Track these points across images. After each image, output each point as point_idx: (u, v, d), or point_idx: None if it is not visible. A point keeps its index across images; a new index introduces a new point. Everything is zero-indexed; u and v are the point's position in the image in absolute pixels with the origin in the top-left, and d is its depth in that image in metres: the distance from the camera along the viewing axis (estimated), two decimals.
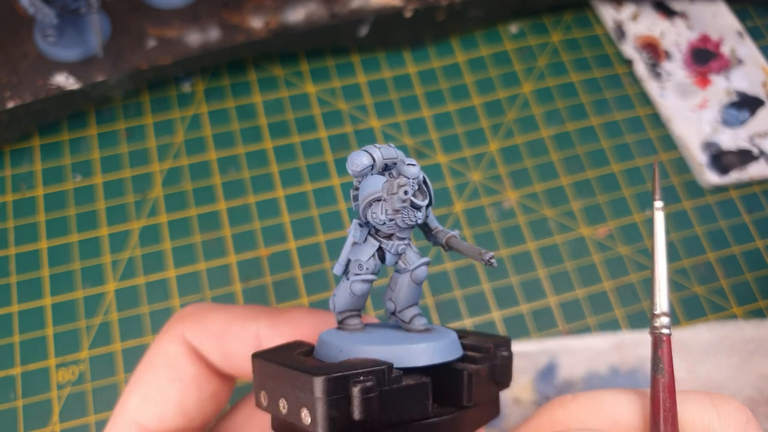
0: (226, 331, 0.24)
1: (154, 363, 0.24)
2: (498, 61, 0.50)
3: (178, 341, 0.24)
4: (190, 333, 0.24)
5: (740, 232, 0.45)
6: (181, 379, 0.24)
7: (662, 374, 0.19)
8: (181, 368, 0.24)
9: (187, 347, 0.24)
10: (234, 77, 0.48)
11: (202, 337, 0.24)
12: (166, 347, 0.24)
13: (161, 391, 0.24)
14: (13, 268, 0.41)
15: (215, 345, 0.24)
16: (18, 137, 0.44)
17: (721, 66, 0.50)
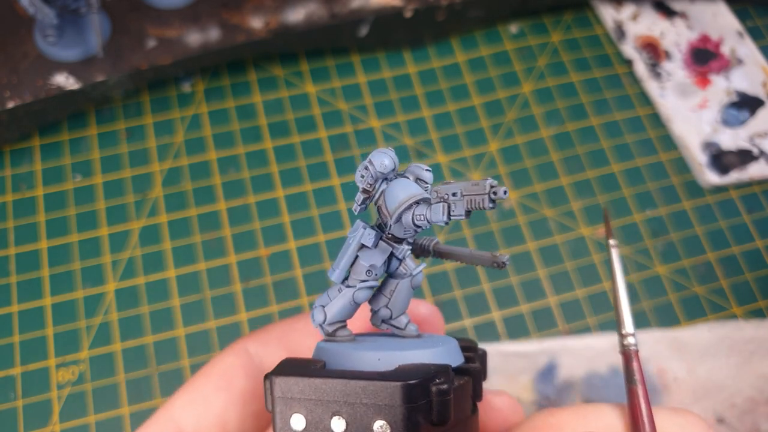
0: (289, 329, 0.25)
1: (210, 371, 0.24)
2: (498, 61, 0.50)
3: (237, 354, 0.24)
4: (252, 343, 0.25)
5: (740, 232, 0.45)
6: (229, 389, 0.24)
7: (636, 384, 0.22)
8: (232, 379, 0.24)
9: (245, 360, 0.24)
10: (234, 77, 0.48)
11: (265, 343, 0.24)
12: (225, 358, 0.24)
13: (206, 398, 0.24)
14: (13, 268, 0.41)
15: (278, 346, 0.24)
16: (18, 137, 0.44)
17: (721, 66, 0.50)
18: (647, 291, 0.43)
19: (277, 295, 0.42)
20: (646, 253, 0.44)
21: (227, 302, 0.41)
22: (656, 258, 0.44)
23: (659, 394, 0.39)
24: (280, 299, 0.41)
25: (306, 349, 0.24)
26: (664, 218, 0.45)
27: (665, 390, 0.40)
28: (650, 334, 0.41)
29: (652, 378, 0.40)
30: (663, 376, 0.40)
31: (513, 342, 0.41)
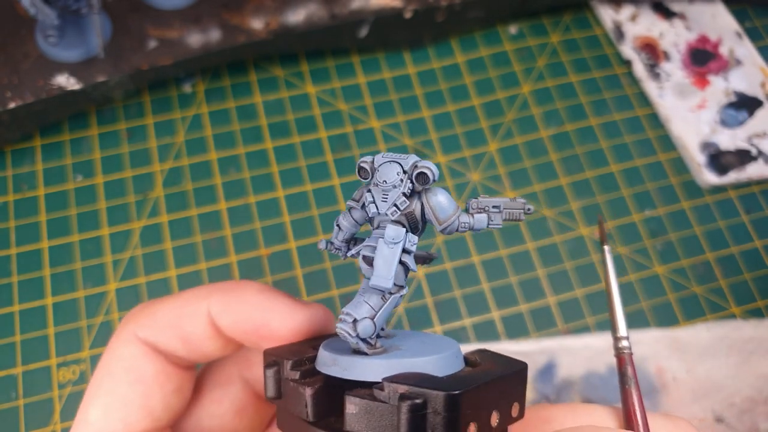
0: (178, 316, 0.24)
1: (111, 370, 0.23)
2: (497, 62, 0.50)
3: (131, 342, 0.24)
4: (142, 330, 0.24)
5: (739, 232, 0.45)
6: (142, 379, 0.23)
7: (632, 385, 0.23)
8: (140, 369, 0.23)
9: (142, 346, 0.24)
10: (234, 78, 0.48)
11: (156, 329, 0.24)
12: (121, 351, 0.24)
13: (123, 397, 0.23)
14: (15, 267, 0.41)
15: (171, 333, 0.24)
16: (19, 137, 0.44)
17: (720, 67, 0.51)
18: (646, 291, 0.43)
19: None
20: (645, 253, 0.44)
21: None
22: (655, 258, 0.44)
23: (658, 394, 0.40)
24: None
25: (198, 338, 0.24)
26: (663, 218, 0.46)
27: (664, 389, 0.40)
28: (649, 334, 0.41)
29: (651, 378, 0.40)
30: (662, 376, 0.40)
31: (512, 341, 0.41)
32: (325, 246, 0.22)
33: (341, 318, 0.20)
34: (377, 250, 0.20)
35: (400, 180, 0.20)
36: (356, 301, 0.20)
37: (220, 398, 0.26)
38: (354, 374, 0.19)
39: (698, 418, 0.39)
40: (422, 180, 0.20)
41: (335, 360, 0.19)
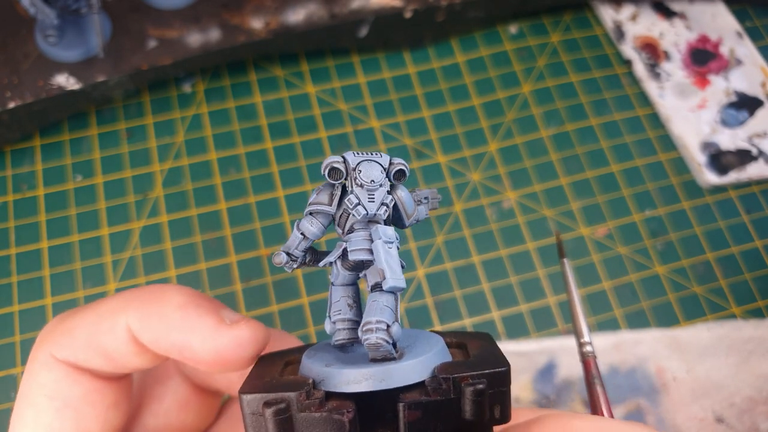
0: (95, 333, 0.21)
1: (32, 399, 0.21)
2: (497, 62, 0.50)
3: (50, 365, 0.21)
4: (60, 350, 0.21)
5: (739, 232, 0.45)
6: (69, 404, 0.21)
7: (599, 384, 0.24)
8: (64, 393, 0.21)
9: (63, 368, 0.21)
10: (234, 77, 0.48)
11: (74, 348, 0.21)
12: (40, 377, 0.21)
13: (50, 427, 0.21)
14: (14, 268, 0.41)
15: (91, 351, 0.21)
16: (19, 137, 0.44)
17: (720, 66, 0.51)
18: (646, 291, 0.43)
19: (278, 294, 0.42)
20: (645, 253, 0.44)
21: (228, 302, 0.41)
22: (655, 258, 0.44)
23: (658, 394, 0.40)
24: (281, 299, 0.41)
25: (120, 353, 0.21)
26: (663, 218, 0.46)
27: (664, 389, 0.40)
28: (649, 334, 0.41)
29: (651, 377, 0.40)
30: (662, 376, 0.40)
31: (512, 341, 0.41)
32: (285, 259, 0.20)
33: (372, 328, 0.18)
34: (379, 252, 0.19)
35: (384, 178, 0.20)
36: (377, 307, 0.19)
37: (161, 395, 0.24)
38: (396, 382, 0.18)
39: (698, 418, 0.39)
40: (400, 176, 0.20)
41: (368, 374, 0.18)
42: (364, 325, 0.18)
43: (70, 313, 0.22)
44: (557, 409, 0.39)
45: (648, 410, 0.39)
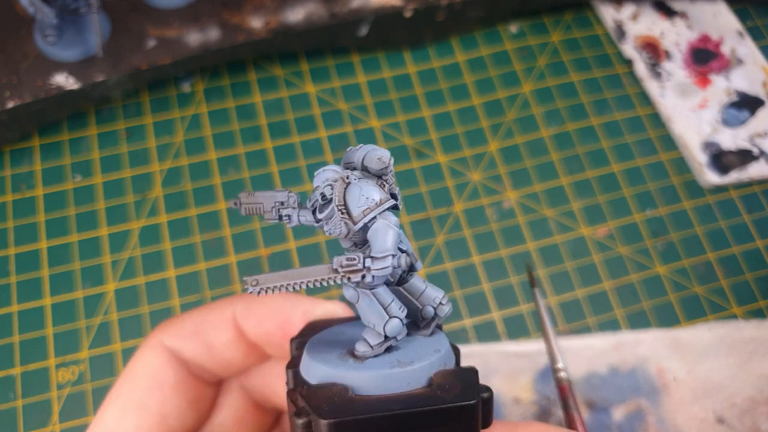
0: (203, 322, 0.24)
1: (132, 374, 0.24)
2: (498, 61, 0.50)
3: (156, 350, 0.24)
4: (168, 338, 0.24)
5: (740, 232, 0.45)
6: (160, 386, 0.23)
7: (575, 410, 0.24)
8: (160, 375, 0.24)
9: (166, 354, 0.24)
10: (234, 77, 0.48)
11: (181, 336, 0.24)
12: (145, 357, 0.24)
13: (139, 401, 0.23)
14: (13, 268, 0.41)
15: (195, 340, 0.24)
16: (18, 137, 0.44)
17: (721, 66, 0.50)
18: (647, 291, 0.43)
19: None
20: (646, 253, 0.44)
21: None
22: (656, 258, 0.44)
23: (659, 395, 0.39)
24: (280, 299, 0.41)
25: (222, 344, 0.24)
26: (664, 218, 0.45)
27: (665, 390, 0.40)
28: (650, 334, 0.41)
29: (652, 378, 0.40)
30: (663, 376, 0.40)
31: (513, 342, 0.41)
32: None
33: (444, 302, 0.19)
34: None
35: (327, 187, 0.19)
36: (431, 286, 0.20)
37: (220, 407, 0.26)
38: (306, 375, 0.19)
39: (699, 419, 0.39)
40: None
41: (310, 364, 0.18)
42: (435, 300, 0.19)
43: (183, 312, 0.25)
44: (557, 409, 0.39)
45: (648, 410, 0.39)
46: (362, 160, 0.18)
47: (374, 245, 0.18)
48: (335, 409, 0.16)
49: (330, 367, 0.18)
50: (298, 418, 0.16)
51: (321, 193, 0.18)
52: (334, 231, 0.18)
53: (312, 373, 0.18)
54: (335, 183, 0.18)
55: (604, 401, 0.39)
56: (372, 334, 0.19)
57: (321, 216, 0.18)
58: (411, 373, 0.18)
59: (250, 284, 0.18)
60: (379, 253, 0.17)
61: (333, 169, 0.18)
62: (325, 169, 0.18)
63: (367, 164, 0.18)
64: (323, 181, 0.18)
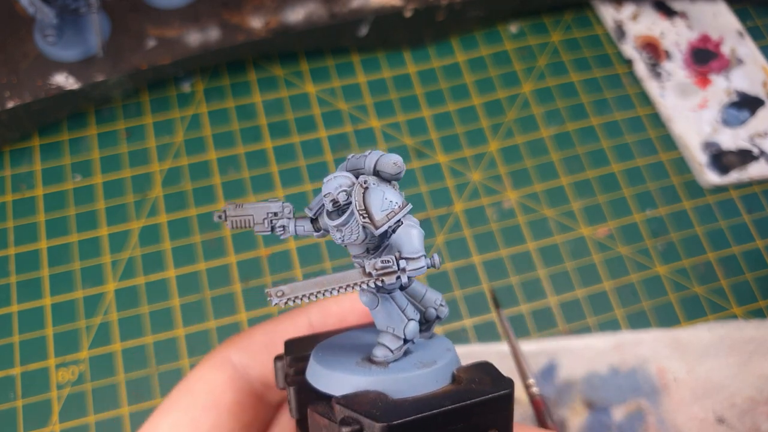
0: (273, 334, 0.24)
1: (192, 388, 0.23)
2: (498, 61, 0.50)
3: (220, 366, 0.24)
4: (236, 353, 0.24)
5: (740, 232, 0.45)
6: (218, 406, 0.23)
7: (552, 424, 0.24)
8: (219, 395, 0.23)
9: (230, 372, 0.24)
10: (234, 77, 0.48)
11: (249, 350, 0.24)
12: (208, 373, 0.24)
13: (194, 419, 0.23)
14: (13, 268, 0.41)
15: (263, 351, 0.24)
16: (18, 137, 0.44)
17: (722, 66, 0.50)
18: (647, 291, 0.43)
19: None
20: (647, 253, 0.44)
21: (227, 302, 0.41)
22: (656, 258, 0.44)
23: (659, 395, 0.39)
24: None
25: None
26: (664, 218, 0.45)
27: (665, 390, 0.40)
28: (650, 334, 0.41)
29: (652, 378, 0.40)
30: (663, 376, 0.40)
31: None
32: None
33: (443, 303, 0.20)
34: None
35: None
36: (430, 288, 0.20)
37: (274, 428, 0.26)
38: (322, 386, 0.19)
39: (699, 419, 0.39)
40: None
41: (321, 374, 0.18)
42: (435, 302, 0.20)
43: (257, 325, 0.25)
44: (557, 409, 0.39)
45: (649, 410, 0.39)
46: (374, 165, 0.18)
47: (404, 247, 0.18)
48: (387, 412, 0.16)
49: (358, 375, 0.18)
50: (347, 426, 0.16)
51: (332, 200, 0.18)
52: (350, 237, 0.18)
53: (334, 384, 0.18)
54: (353, 188, 0.18)
55: (605, 401, 0.39)
56: (390, 338, 0.19)
57: (334, 223, 0.18)
58: (437, 371, 0.18)
59: (275, 296, 0.17)
60: (413, 254, 0.17)
61: (346, 175, 0.18)
62: (337, 175, 0.18)
63: (381, 169, 0.18)
64: (336, 187, 0.18)
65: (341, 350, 0.20)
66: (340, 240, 0.18)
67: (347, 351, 0.20)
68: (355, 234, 0.18)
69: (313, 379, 0.19)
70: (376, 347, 0.19)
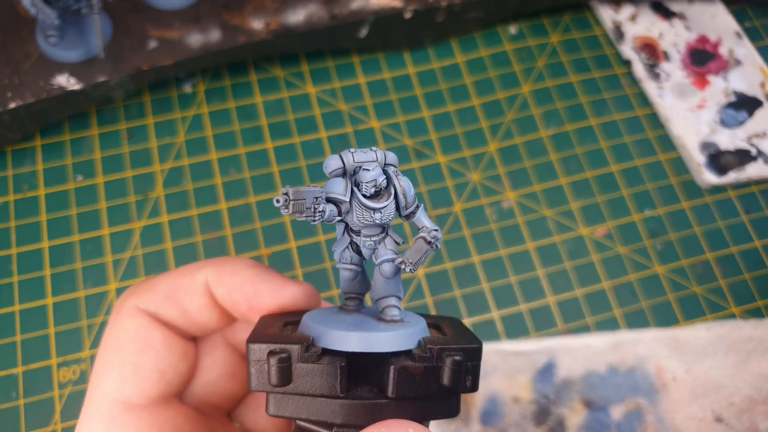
0: (175, 287, 0.24)
1: (119, 342, 0.24)
2: (497, 62, 0.50)
3: (134, 314, 0.24)
4: (143, 302, 0.24)
5: (738, 232, 0.46)
6: (151, 345, 0.24)
7: None
8: (147, 337, 0.24)
9: (145, 316, 0.24)
10: (235, 78, 0.48)
11: (155, 301, 0.24)
12: (125, 323, 0.24)
13: (134, 364, 0.23)
14: (15, 267, 0.41)
15: (170, 304, 0.24)
16: (20, 137, 0.44)
17: (720, 67, 0.51)
18: (646, 290, 0.43)
19: None
20: (645, 253, 0.44)
21: None
22: (655, 258, 0.44)
23: (657, 394, 0.40)
24: None
25: (195, 308, 0.24)
26: (663, 218, 0.46)
27: (663, 389, 0.40)
28: (649, 334, 0.41)
29: (651, 377, 0.40)
30: (661, 376, 0.40)
31: (512, 341, 0.41)
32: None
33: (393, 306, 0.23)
34: None
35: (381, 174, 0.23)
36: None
37: (211, 365, 0.26)
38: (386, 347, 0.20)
39: (697, 418, 0.39)
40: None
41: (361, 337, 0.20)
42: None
43: (150, 277, 0.26)
44: (556, 407, 0.39)
45: (647, 410, 0.39)
46: (385, 159, 0.22)
47: (428, 222, 0.22)
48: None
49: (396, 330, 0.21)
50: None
51: (376, 185, 0.21)
52: (388, 217, 0.21)
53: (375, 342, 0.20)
54: (393, 175, 0.21)
55: (603, 400, 0.39)
56: (396, 300, 0.23)
57: (379, 205, 0.21)
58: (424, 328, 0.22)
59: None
60: (435, 227, 0.22)
61: (377, 165, 0.21)
62: (374, 165, 0.21)
63: (391, 162, 0.22)
64: (378, 174, 0.21)
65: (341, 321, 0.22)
66: (379, 219, 0.21)
67: (349, 321, 0.22)
68: (392, 214, 0.22)
69: (339, 344, 0.20)
70: (387, 308, 0.22)
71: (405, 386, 0.20)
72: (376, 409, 0.20)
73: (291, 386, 0.20)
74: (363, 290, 0.24)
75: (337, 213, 0.21)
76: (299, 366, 0.20)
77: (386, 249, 0.22)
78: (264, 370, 0.20)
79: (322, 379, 0.20)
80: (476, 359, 0.21)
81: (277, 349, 0.20)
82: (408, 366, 0.20)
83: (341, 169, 0.21)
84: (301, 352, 0.20)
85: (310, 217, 0.20)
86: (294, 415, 0.20)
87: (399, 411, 0.20)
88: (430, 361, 0.20)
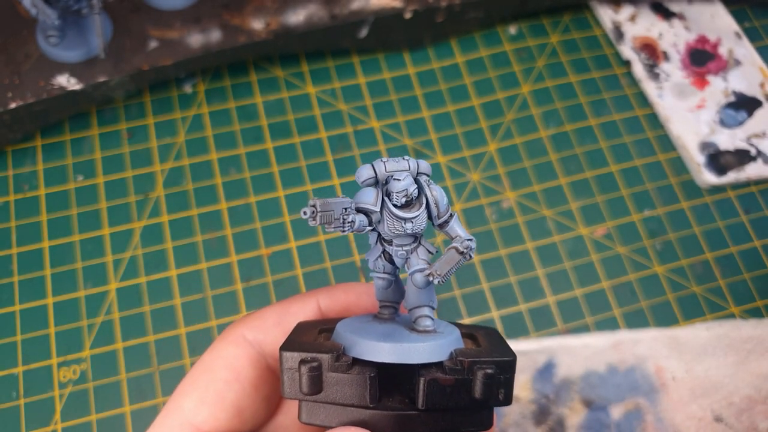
0: (285, 313, 0.25)
1: (211, 366, 0.24)
2: (497, 62, 0.50)
3: (237, 343, 0.24)
4: (250, 331, 0.25)
5: (738, 232, 0.46)
6: (240, 380, 0.24)
7: None
8: (239, 370, 0.24)
9: (247, 349, 0.24)
10: (235, 78, 0.48)
11: (262, 328, 0.25)
12: (226, 350, 0.24)
13: (218, 393, 0.24)
14: (16, 267, 0.41)
15: (277, 331, 0.25)
16: (20, 138, 0.44)
17: (719, 67, 0.51)
18: (645, 290, 0.43)
19: (278, 294, 0.42)
20: (645, 253, 0.45)
21: (228, 301, 0.41)
22: (654, 257, 0.44)
23: (657, 394, 0.40)
24: (281, 298, 0.42)
25: None
26: (662, 218, 0.46)
27: (663, 389, 0.40)
28: (648, 333, 0.41)
29: (650, 377, 0.40)
30: (661, 375, 0.40)
31: (512, 341, 0.41)
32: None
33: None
34: None
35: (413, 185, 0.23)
36: None
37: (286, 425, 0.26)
38: (417, 359, 0.20)
39: (697, 417, 0.39)
40: None
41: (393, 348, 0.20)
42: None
43: (268, 306, 0.26)
44: (555, 407, 0.39)
45: (647, 409, 0.39)
46: (417, 168, 0.22)
47: (462, 231, 0.22)
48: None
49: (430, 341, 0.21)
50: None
51: (407, 195, 0.21)
52: (419, 227, 0.22)
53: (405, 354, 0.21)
54: (425, 184, 0.21)
55: (603, 400, 0.39)
56: (430, 310, 0.23)
57: (411, 215, 0.21)
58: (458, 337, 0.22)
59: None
60: (468, 237, 0.22)
61: (408, 174, 0.21)
62: (405, 174, 0.21)
63: (424, 171, 0.22)
64: (409, 184, 0.21)
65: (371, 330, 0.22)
66: (410, 229, 0.21)
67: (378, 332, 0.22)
68: (424, 223, 0.22)
69: (370, 355, 0.21)
70: (420, 318, 0.22)
71: (435, 398, 0.20)
72: (405, 421, 0.20)
73: (322, 395, 0.20)
74: (397, 299, 0.24)
75: (368, 223, 0.21)
76: (330, 375, 0.20)
77: (418, 259, 0.23)
78: (296, 378, 0.20)
79: (352, 389, 0.20)
80: (509, 372, 0.21)
81: (308, 357, 0.20)
82: (438, 378, 0.20)
83: (373, 179, 0.21)
84: (331, 361, 0.20)
85: (339, 228, 0.20)
86: (325, 424, 0.20)
87: (428, 423, 0.20)
88: (461, 373, 0.20)
